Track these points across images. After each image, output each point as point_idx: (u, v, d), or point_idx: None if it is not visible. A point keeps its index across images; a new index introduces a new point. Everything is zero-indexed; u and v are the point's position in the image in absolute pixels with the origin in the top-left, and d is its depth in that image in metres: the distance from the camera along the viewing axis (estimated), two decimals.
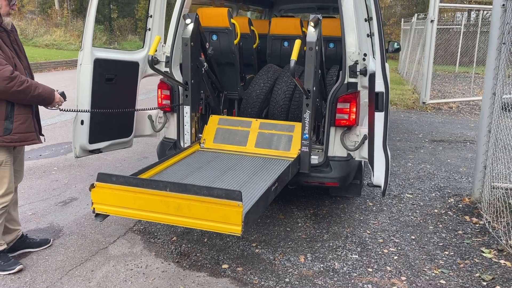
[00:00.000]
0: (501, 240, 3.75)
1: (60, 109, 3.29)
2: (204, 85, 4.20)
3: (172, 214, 2.54)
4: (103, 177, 2.68)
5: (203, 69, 4.05)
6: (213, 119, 4.16)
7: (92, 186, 2.68)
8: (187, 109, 3.99)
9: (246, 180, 3.34)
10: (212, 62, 4.27)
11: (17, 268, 3.18)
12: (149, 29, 4.22)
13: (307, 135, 3.62)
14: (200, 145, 4.11)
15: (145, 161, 5.87)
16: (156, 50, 3.66)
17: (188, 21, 3.75)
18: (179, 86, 4.01)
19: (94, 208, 2.73)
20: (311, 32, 3.41)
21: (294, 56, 3.21)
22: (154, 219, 2.63)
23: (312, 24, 3.40)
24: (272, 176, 3.36)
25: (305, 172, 3.74)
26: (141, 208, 2.61)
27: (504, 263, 3.43)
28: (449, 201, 4.73)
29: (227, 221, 2.43)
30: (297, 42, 3.32)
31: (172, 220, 2.57)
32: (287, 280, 3.18)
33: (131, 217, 2.77)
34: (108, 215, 2.77)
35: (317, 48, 3.40)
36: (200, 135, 4.19)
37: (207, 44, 4.17)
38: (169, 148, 4.27)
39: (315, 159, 3.89)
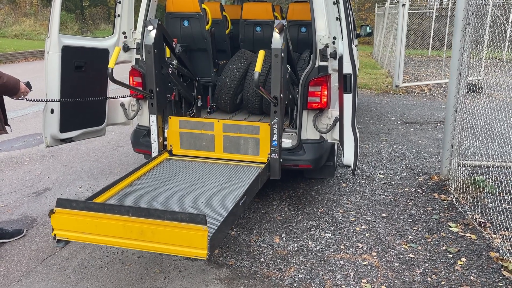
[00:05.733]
0: (467, 214, 3.92)
1: (26, 99, 3.24)
2: (175, 82, 4.12)
3: (135, 239, 2.48)
4: (63, 203, 2.58)
5: (171, 68, 3.94)
6: (173, 122, 4.02)
7: (52, 211, 2.58)
8: (153, 118, 3.87)
9: (214, 193, 3.29)
10: (182, 57, 4.20)
11: None
12: (119, 15, 4.17)
13: (276, 142, 3.60)
14: (168, 153, 4.03)
15: (120, 150, 5.83)
16: (115, 63, 3.46)
17: (150, 27, 3.64)
18: (147, 94, 3.86)
19: (55, 235, 2.63)
20: (276, 39, 3.35)
21: (258, 68, 3.18)
22: (118, 245, 2.57)
23: (277, 30, 3.34)
24: (241, 187, 3.32)
25: (276, 179, 3.72)
26: (103, 234, 2.55)
27: (470, 236, 3.59)
28: (419, 179, 4.88)
29: (192, 245, 2.38)
30: (261, 53, 3.27)
31: (136, 245, 2.51)
32: (262, 260, 3.26)
33: (94, 243, 2.65)
34: (70, 241, 2.69)
35: (282, 54, 3.36)
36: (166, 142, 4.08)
37: (174, 41, 4.09)
38: (143, 136, 4.26)
39: (288, 143, 3.95)
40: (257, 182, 3.40)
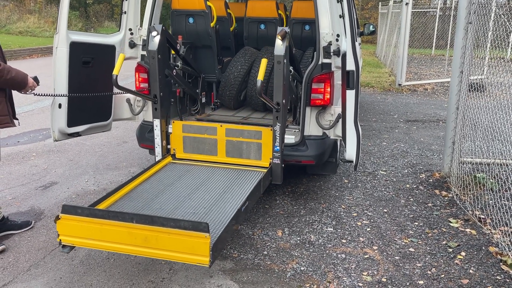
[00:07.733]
0: (467, 210, 3.97)
1: (34, 93, 3.31)
2: (179, 82, 4.15)
3: (139, 245, 2.52)
4: (68, 209, 2.61)
5: (175, 70, 3.97)
6: (176, 126, 4.05)
7: (57, 217, 2.62)
8: (157, 122, 3.91)
9: (217, 198, 3.32)
10: (186, 57, 4.24)
11: (0, 249, 3.23)
12: (125, 12, 4.23)
13: (278, 147, 3.64)
14: (171, 156, 4.08)
15: (125, 145, 5.91)
16: (119, 69, 3.46)
17: (154, 33, 3.67)
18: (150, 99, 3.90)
19: (60, 240, 2.67)
20: (279, 45, 3.36)
21: (260, 77, 3.22)
22: (122, 251, 2.61)
23: (279, 37, 3.36)
24: (244, 193, 3.36)
25: (278, 183, 3.77)
26: (108, 240, 2.58)
27: (470, 232, 3.65)
28: (420, 176, 4.94)
29: (195, 252, 2.42)
30: (263, 62, 3.30)
31: (140, 252, 2.55)
32: (265, 252, 3.32)
33: (99, 249, 2.70)
34: (75, 246, 2.74)
35: (285, 61, 3.38)
36: (169, 146, 4.12)
37: (179, 38, 4.12)
38: (148, 131, 4.33)
39: (291, 139, 4.00)
40: (259, 187, 3.44)
